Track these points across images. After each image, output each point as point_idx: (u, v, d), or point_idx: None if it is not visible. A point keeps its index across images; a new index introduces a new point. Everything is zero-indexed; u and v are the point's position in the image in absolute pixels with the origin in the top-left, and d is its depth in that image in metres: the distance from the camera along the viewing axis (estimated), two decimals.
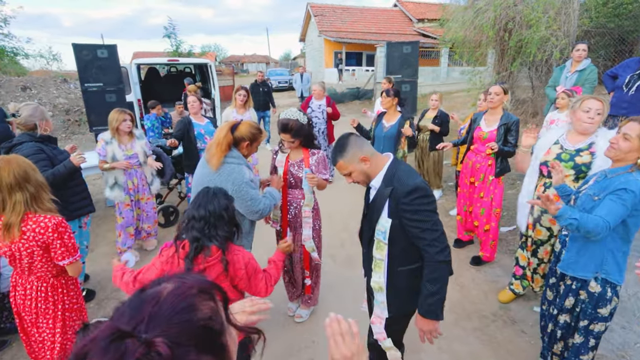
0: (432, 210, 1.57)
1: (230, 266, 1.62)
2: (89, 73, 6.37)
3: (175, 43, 23.13)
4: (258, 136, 2.24)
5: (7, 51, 15.00)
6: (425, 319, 1.62)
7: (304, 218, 2.57)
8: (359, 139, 1.69)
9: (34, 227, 1.76)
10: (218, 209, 1.59)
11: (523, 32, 6.33)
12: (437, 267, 1.56)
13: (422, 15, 21.16)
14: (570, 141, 2.45)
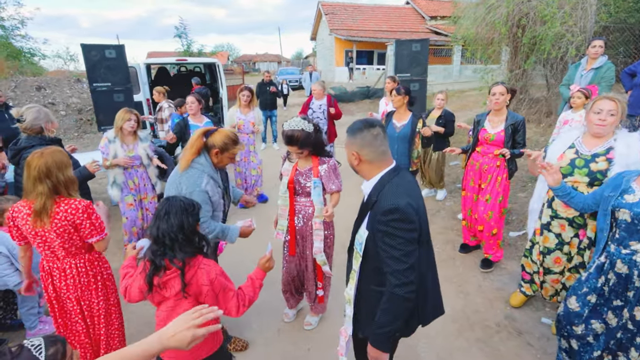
0: (406, 239, 1.39)
1: (193, 282, 1.50)
2: (98, 73, 6.43)
3: (186, 43, 23.33)
4: (230, 147, 2.11)
5: (24, 52, 15.38)
6: (372, 347, 1.50)
7: (315, 230, 2.45)
8: (373, 139, 1.50)
9: (65, 208, 1.89)
10: (169, 230, 1.47)
11: (537, 28, 6.10)
12: (391, 298, 1.41)
13: (434, 13, 20.81)
14: (587, 145, 2.29)
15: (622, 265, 1.83)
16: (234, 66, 33.31)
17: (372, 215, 1.49)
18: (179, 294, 1.49)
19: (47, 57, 17.50)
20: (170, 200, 1.54)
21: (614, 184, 1.92)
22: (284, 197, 2.52)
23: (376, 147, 1.52)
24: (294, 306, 2.86)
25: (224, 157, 2.13)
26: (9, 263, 2.51)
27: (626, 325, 1.88)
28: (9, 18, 14.93)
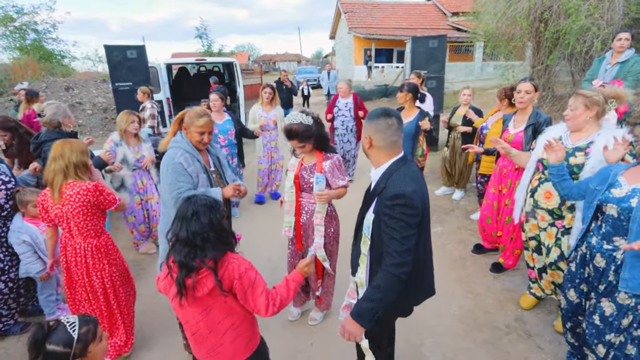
0: (408, 224, 1.46)
1: (225, 277, 1.46)
2: (120, 73, 6.67)
3: (207, 43, 23.80)
4: (194, 120, 2.15)
5: (55, 54, 16.12)
6: (351, 319, 1.51)
7: (316, 226, 2.46)
8: (387, 128, 1.57)
9: (77, 190, 2.14)
10: (201, 231, 1.43)
11: (560, 22, 5.86)
12: (386, 276, 1.46)
13: (456, 9, 20.34)
14: (572, 138, 2.28)
15: (601, 259, 1.84)
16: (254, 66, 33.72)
17: (380, 200, 1.56)
18: (212, 292, 1.45)
19: (76, 59, 18.27)
20: (193, 200, 1.50)
21: (601, 177, 1.89)
22: (290, 193, 2.53)
23: (388, 135, 1.59)
24: (299, 305, 2.86)
25: (191, 132, 2.17)
26: (32, 251, 2.64)
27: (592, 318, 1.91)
28: (41, 22, 15.71)
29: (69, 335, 1.18)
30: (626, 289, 1.72)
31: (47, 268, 2.60)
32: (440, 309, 2.88)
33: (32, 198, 2.60)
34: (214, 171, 2.36)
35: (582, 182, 2.03)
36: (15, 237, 2.59)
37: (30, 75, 12.62)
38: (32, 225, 2.65)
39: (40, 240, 2.65)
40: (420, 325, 2.71)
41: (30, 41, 15.56)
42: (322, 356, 2.46)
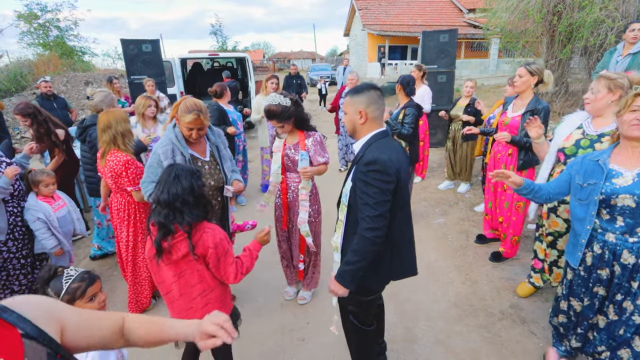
0: (381, 189, 1.52)
1: (199, 244, 1.55)
2: (135, 66, 6.87)
3: (221, 40, 24.13)
4: (182, 114, 2.11)
5: (76, 50, 16.66)
6: (334, 280, 1.65)
7: (301, 201, 2.54)
8: (378, 98, 1.67)
9: (112, 159, 2.54)
10: (182, 193, 1.50)
11: (574, 15, 5.74)
12: (360, 240, 1.56)
13: (473, 5, 19.99)
14: (594, 125, 2.18)
15: (629, 255, 1.71)
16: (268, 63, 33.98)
17: (356, 167, 1.63)
18: (186, 257, 1.55)
19: (96, 56, 18.84)
20: (176, 166, 1.60)
21: (585, 169, 1.81)
22: (277, 174, 2.60)
23: (380, 105, 1.68)
24: (293, 283, 2.95)
25: (180, 125, 2.16)
26: (46, 228, 2.79)
27: (630, 319, 1.78)
28: (64, 20, 16.26)
29: (60, 286, 1.30)
30: None
31: (60, 244, 2.76)
32: (436, 295, 2.91)
33: (43, 178, 2.76)
34: (209, 161, 2.34)
35: (560, 179, 1.95)
36: (30, 214, 2.75)
37: (52, 70, 13.09)
38: (46, 203, 2.81)
39: (53, 218, 2.80)
40: (415, 309, 2.75)
41: (52, 38, 16.11)
42: (316, 335, 2.53)
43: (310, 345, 2.46)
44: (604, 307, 1.89)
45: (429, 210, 4.50)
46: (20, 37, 15.65)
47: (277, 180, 2.61)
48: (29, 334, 0.69)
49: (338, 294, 1.66)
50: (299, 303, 2.85)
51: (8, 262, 2.71)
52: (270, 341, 2.50)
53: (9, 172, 2.58)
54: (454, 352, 2.36)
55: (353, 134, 1.75)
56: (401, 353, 2.35)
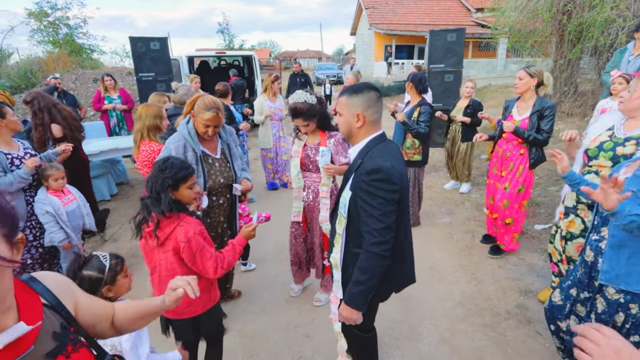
0: (386, 199, 1.41)
1: (172, 237, 1.57)
2: (143, 64, 6.92)
3: (228, 38, 24.23)
4: (201, 112, 2.13)
5: (85, 48, 16.82)
6: (346, 306, 1.52)
7: (321, 199, 2.51)
8: (377, 100, 1.55)
9: (146, 148, 2.74)
10: (158, 185, 1.57)
11: (584, 14, 5.68)
12: (368, 257, 1.44)
13: (481, 4, 19.84)
14: (625, 128, 2.06)
15: (590, 252, 1.73)
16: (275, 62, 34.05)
17: (356, 176, 1.51)
18: (161, 246, 1.59)
19: (105, 54, 18.99)
20: (168, 159, 1.65)
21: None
22: (298, 179, 2.57)
23: (379, 108, 1.55)
24: (300, 282, 2.95)
25: (197, 122, 2.16)
26: (54, 221, 2.83)
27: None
28: (73, 17, 16.42)
29: (102, 264, 1.40)
30: (604, 282, 1.65)
31: (68, 238, 2.80)
32: (441, 294, 2.91)
33: (53, 172, 2.79)
34: (220, 159, 2.33)
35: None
36: (39, 207, 2.79)
37: (61, 67, 13.24)
38: (55, 197, 2.85)
39: (62, 212, 2.84)
40: (419, 308, 2.75)
41: (62, 35, 16.28)
42: (321, 331, 2.54)
43: (315, 342, 2.47)
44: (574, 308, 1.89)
45: (434, 209, 4.49)
46: (30, 34, 15.86)
47: (299, 185, 2.57)
48: (50, 304, 0.78)
49: (356, 322, 1.54)
50: (314, 305, 2.82)
51: (26, 250, 2.76)
52: (276, 337, 2.52)
53: (29, 163, 2.63)
54: (459, 351, 2.36)
55: (348, 138, 1.63)
56: (406, 351, 2.36)
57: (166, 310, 1.69)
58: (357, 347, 1.93)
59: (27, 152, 2.75)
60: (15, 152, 2.64)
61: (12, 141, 2.67)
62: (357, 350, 1.94)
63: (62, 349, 0.75)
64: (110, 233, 4.16)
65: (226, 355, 2.07)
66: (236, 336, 2.53)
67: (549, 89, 2.96)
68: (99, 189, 5.08)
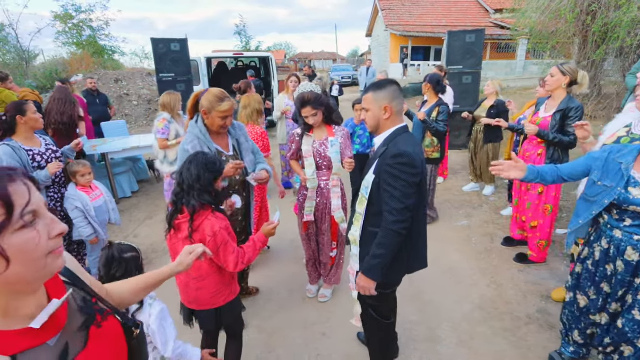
0: (408, 182, 1.55)
1: (200, 230, 1.63)
2: (164, 65, 7.08)
3: (245, 40, 24.53)
4: (216, 105, 2.07)
5: (107, 50, 17.30)
6: (364, 276, 1.68)
7: (332, 188, 2.53)
8: (399, 92, 1.70)
9: (251, 130, 3.13)
10: (189, 179, 1.63)
11: (610, 14, 5.54)
12: (387, 233, 1.58)
13: (500, 5, 19.52)
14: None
15: (633, 252, 1.71)
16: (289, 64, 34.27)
17: (381, 160, 1.64)
18: (187, 239, 1.63)
19: (125, 55, 19.50)
20: (197, 155, 1.72)
21: (607, 171, 1.75)
22: (313, 179, 2.56)
23: (401, 100, 1.70)
24: (315, 282, 2.97)
25: (213, 117, 2.10)
26: (83, 217, 2.94)
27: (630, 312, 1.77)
28: (96, 20, 16.93)
29: (132, 246, 1.52)
30: None
31: (96, 233, 2.90)
32: (459, 297, 2.88)
33: (79, 169, 2.89)
34: (232, 155, 2.31)
35: (576, 165, 1.89)
36: (69, 203, 2.90)
37: (84, 68, 13.66)
38: (84, 193, 2.95)
39: (90, 207, 2.94)
40: (437, 310, 2.74)
41: (85, 37, 16.80)
42: (338, 330, 2.55)
43: (331, 340, 2.48)
44: (607, 304, 1.89)
45: (452, 211, 4.44)
46: (56, 36, 16.42)
47: (313, 185, 2.57)
48: (68, 280, 0.81)
49: (370, 291, 1.68)
50: (319, 301, 2.86)
51: None
52: (294, 334, 2.55)
53: (51, 168, 2.72)
54: (478, 354, 2.33)
55: (375, 131, 1.76)
56: (424, 353, 2.35)
57: (191, 302, 1.76)
58: (376, 333, 1.98)
59: (49, 148, 2.83)
60: (36, 149, 2.71)
61: (33, 137, 2.74)
62: (376, 336, 1.99)
63: (92, 320, 0.77)
64: (131, 229, 4.28)
65: (246, 349, 2.10)
66: (255, 332, 2.57)
67: (584, 88, 2.87)
68: (121, 186, 5.23)
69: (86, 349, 0.72)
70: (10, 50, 14.22)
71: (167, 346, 1.39)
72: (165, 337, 1.40)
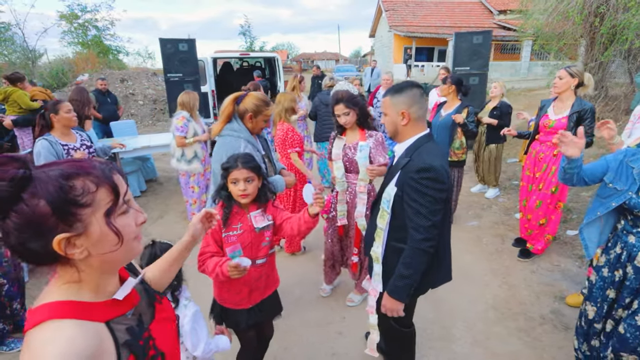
0: (435, 198, 1.46)
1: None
2: (172, 65, 7.12)
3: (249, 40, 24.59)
4: (263, 109, 2.11)
5: (112, 49, 17.37)
6: (390, 297, 1.59)
7: (359, 194, 2.49)
8: (420, 97, 1.58)
9: (280, 127, 3.28)
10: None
11: (618, 16, 5.54)
12: (414, 252, 1.50)
13: (504, 6, 19.52)
14: None
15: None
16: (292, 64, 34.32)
17: (403, 173, 1.54)
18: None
19: (129, 54, 19.55)
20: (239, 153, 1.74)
21: (619, 174, 1.74)
22: (342, 182, 2.55)
23: (422, 104, 1.59)
24: (330, 282, 2.96)
25: (258, 120, 2.12)
26: None
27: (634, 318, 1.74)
28: (101, 19, 16.99)
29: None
30: None
31: None
32: (473, 297, 2.89)
33: None
34: (265, 155, 2.33)
35: (595, 167, 1.85)
36: None
37: (90, 67, 13.71)
38: None
39: None
40: (451, 310, 2.75)
41: (90, 37, 16.86)
42: (353, 329, 2.57)
43: (347, 339, 2.50)
44: (612, 310, 1.86)
45: (461, 212, 4.45)
46: (61, 36, 16.50)
47: (343, 188, 2.55)
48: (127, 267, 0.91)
49: (398, 312, 1.60)
50: (347, 305, 2.82)
51: None
52: (309, 332, 2.56)
53: (77, 155, 2.82)
54: (493, 354, 2.35)
55: (394, 137, 1.67)
56: (440, 351, 2.36)
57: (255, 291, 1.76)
58: (397, 344, 1.95)
59: (84, 143, 2.95)
60: (71, 144, 2.85)
61: (70, 133, 2.88)
62: (397, 346, 1.96)
63: (154, 297, 0.88)
64: (143, 228, 4.30)
65: None
66: None
67: (589, 90, 2.93)
68: (131, 185, 5.25)
69: (154, 320, 0.84)
70: (17, 50, 14.28)
71: (198, 347, 1.41)
72: (197, 339, 1.42)
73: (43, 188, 0.63)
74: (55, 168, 0.66)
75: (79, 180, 0.66)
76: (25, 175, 0.62)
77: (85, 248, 0.67)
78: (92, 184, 0.67)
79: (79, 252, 0.67)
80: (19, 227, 0.62)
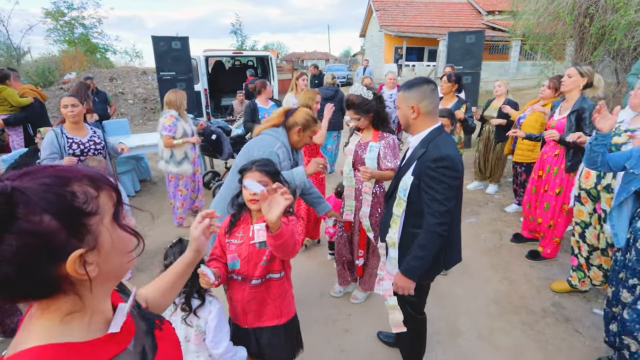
0: (450, 185, 1.57)
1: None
2: (164, 63, 7.01)
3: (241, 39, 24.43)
4: (312, 124, 2.20)
5: (100, 47, 17.04)
6: (403, 276, 1.69)
7: (364, 194, 2.47)
8: (431, 92, 1.68)
9: None
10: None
11: (607, 17, 5.68)
12: (429, 235, 1.61)
13: (492, 7, 19.83)
14: (631, 122, 2.21)
15: None
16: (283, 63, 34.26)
17: (420, 163, 1.65)
18: None
19: (117, 53, 19.23)
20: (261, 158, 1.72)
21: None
22: (350, 177, 2.53)
23: (433, 99, 1.69)
24: (344, 284, 2.91)
25: (305, 134, 2.20)
26: None
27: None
28: (88, 17, 16.66)
29: None
30: None
31: None
32: (474, 292, 2.93)
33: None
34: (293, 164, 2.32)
35: (622, 154, 1.96)
36: None
37: (77, 66, 13.43)
38: None
39: None
40: (454, 304, 2.78)
41: (77, 35, 16.52)
42: (359, 326, 2.58)
43: (354, 336, 2.50)
44: (619, 292, 1.96)
45: None
46: (47, 33, 16.12)
47: (350, 184, 2.54)
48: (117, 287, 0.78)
49: (410, 291, 1.71)
50: (352, 302, 2.82)
51: None
52: (315, 330, 2.56)
53: (66, 161, 2.75)
54: (498, 348, 2.38)
55: (407, 129, 1.80)
56: (447, 345, 2.39)
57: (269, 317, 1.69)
58: (412, 329, 1.98)
59: (92, 140, 2.98)
60: (78, 138, 2.91)
61: (80, 127, 2.96)
62: (411, 332, 1.99)
63: (152, 323, 0.77)
64: (139, 228, 4.23)
65: None
66: None
67: (599, 92, 2.84)
68: (124, 185, 5.16)
69: (158, 351, 0.72)
70: (0, 47, 13.89)
71: (220, 344, 1.40)
72: (222, 335, 1.41)
73: (40, 198, 0.51)
74: (41, 175, 0.55)
75: (76, 185, 0.56)
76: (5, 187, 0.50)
77: (97, 264, 0.58)
78: (91, 188, 0.58)
79: (92, 270, 0.57)
80: (21, 253, 0.50)
